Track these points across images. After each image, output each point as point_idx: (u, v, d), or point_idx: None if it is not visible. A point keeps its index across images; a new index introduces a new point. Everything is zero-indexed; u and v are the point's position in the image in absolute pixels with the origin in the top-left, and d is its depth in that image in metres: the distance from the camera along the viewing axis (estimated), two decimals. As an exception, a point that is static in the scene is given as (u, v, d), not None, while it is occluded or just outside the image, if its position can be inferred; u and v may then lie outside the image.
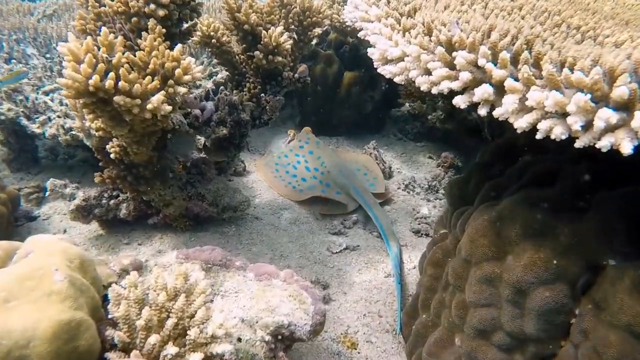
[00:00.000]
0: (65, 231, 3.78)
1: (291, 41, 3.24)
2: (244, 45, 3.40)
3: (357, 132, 5.94)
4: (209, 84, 4.73)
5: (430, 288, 2.68)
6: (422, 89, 1.94)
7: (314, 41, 3.89)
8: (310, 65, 5.20)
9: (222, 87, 3.62)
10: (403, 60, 2.06)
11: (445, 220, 3.08)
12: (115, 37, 2.28)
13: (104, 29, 2.19)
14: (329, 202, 4.40)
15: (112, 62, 2.18)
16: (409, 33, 2.12)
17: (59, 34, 4.75)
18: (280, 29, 3.18)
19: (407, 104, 6.35)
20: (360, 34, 2.71)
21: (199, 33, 3.38)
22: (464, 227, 2.47)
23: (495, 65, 1.74)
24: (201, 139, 3.49)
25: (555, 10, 2.34)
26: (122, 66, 2.22)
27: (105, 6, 2.73)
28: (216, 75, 4.77)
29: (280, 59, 3.23)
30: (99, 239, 3.68)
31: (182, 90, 2.37)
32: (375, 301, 3.32)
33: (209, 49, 3.60)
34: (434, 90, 1.90)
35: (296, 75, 3.66)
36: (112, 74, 2.14)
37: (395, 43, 2.11)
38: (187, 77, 2.38)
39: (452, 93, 1.91)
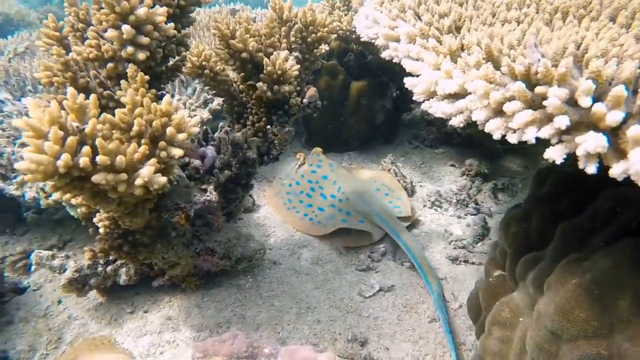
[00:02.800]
0: (60, 302, 3.32)
1: (298, 66, 2.76)
2: (243, 74, 2.93)
3: (370, 144, 5.46)
4: (205, 113, 4.25)
5: (499, 354, 2.21)
6: (494, 136, 1.47)
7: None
8: (313, 78, 4.73)
9: (221, 124, 3.15)
10: (462, 97, 1.58)
11: (500, 259, 2.61)
12: (87, 96, 1.80)
13: (70, 89, 1.71)
14: (351, 232, 3.94)
15: (86, 131, 1.71)
16: (462, 58, 1.65)
17: (33, 74, 4.27)
18: (284, 53, 2.70)
19: (420, 108, 5.87)
20: (385, 55, 2.24)
21: (188, 65, 2.91)
22: (540, 282, 2.01)
23: (603, 103, 1.27)
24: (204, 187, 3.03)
25: (634, 6, 1.85)
26: (100, 133, 1.75)
27: (72, 51, 2.26)
28: (212, 103, 4.29)
29: (287, 87, 2.75)
30: (99, 309, 3.22)
31: (177, 152, 1.90)
32: (423, 356, 2.87)
33: (202, 80, 3.13)
34: (514, 139, 1.43)
35: (305, 100, 3.18)
36: (86, 148, 1.67)
37: (447, 74, 1.64)
38: (181, 136, 1.91)
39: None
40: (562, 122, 1.27)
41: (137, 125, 1.82)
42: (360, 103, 4.97)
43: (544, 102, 1.31)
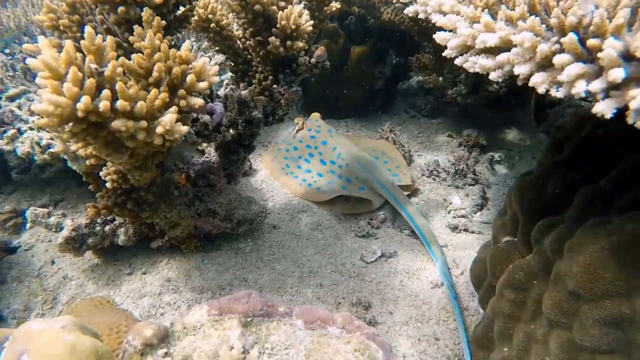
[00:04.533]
0: (53, 262, 3.21)
1: (312, 22, 2.65)
2: (252, 29, 2.79)
3: (367, 112, 5.40)
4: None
5: (511, 316, 2.25)
6: (539, 90, 1.43)
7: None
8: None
9: (226, 81, 3.03)
10: (503, 51, 1.53)
11: (510, 225, 2.62)
12: (104, 38, 1.68)
13: (87, 28, 1.59)
14: (350, 198, 3.92)
15: (105, 74, 1.59)
16: (502, 11, 1.59)
17: (17, 23, 4.01)
18: (299, 7, 2.58)
19: (416, 77, 5.82)
20: (410, 10, 2.15)
21: (195, 17, 2.76)
22: (559, 245, 2.03)
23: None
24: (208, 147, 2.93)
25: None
26: (119, 78, 1.64)
27: (79, -8, 2.10)
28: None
29: (300, 44, 2.64)
30: (95, 270, 3.13)
31: (197, 102, 1.81)
32: (427, 320, 2.90)
33: (207, 35, 2.99)
34: (560, 93, 1.39)
35: (313, 59, 3.08)
36: (106, 92, 1.56)
37: (487, 26, 1.57)
38: (202, 85, 1.81)
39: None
40: (618, 74, 1.24)
41: (157, 71, 1.71)
42: (359, 69, 4.87)
43: (600, 54, 1.27)
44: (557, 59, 1.35)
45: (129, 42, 2.06)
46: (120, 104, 1.58)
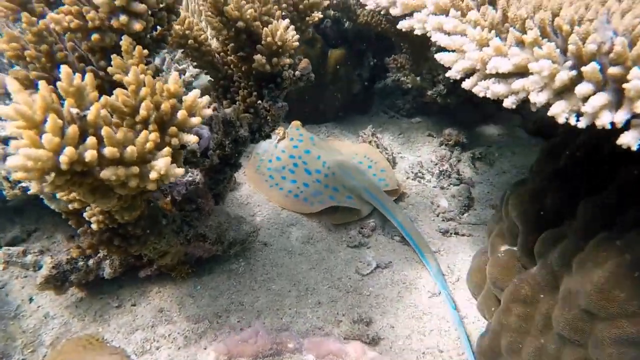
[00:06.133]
0: (31, 300, 3.01)
1: (298, 36, 2.54)
2: (234, 45, 2.65)
3: (346, 116, 5.31)
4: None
5: (520, 330, 2.23)
6: (559, 120, 1.38)
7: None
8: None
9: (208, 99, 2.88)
10: (515, 77, 1.47)
11: (509, 234, 2.61)
12: (83, 76, 1.52)
13: (64, 68, 1.43)
14: (339, 208, 3.84)
15: (88, 118, 1.45)
16: (511, 34, 1.52)
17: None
18: (285, 23, 2.45)
19: (392, 76, 5.76)
20: (404, 25, 2.07)
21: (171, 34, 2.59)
22: (566, 260, 2.01)
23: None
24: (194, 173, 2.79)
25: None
26: (103, 122, 1.50)
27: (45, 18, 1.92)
28: (184, 74, 3.94)
29: (287, 60, 2.53)
30: (80, 305, 2.95)
31: (190, 139, 1.68)
32: (429, 331, 2.87)
33: (184, 51, 2.83)
34: (582, 124, 1.34)
35: (297, 72, 2.96)
36: (91, 140, 1.42)
37: (497, 50, 1.51)
38: (195, 120, 1.69)
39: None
40: (646, 106, 1.20)
41: (145, 109, 1.58)
42: (338, 73, 4.78)
43: (625, 85, 1.22)
44: (580, 90, 1.30)
45: (106, 70, 1.90)
46: (108, 150, 1.44)
